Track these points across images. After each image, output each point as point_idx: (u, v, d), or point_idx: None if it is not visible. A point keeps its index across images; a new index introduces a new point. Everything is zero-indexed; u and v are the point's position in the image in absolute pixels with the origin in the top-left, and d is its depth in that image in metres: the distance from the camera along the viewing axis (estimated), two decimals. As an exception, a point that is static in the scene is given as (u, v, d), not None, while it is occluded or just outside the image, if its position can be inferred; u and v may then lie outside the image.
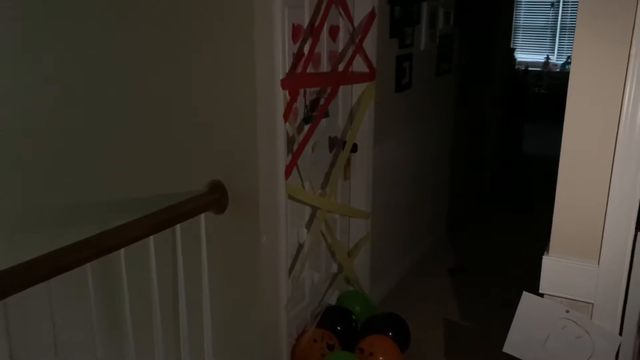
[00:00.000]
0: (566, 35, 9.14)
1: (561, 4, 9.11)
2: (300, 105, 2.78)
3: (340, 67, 3.00)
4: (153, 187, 2.57)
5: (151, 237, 2.11)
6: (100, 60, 2.54)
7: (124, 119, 2.57)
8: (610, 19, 1.51)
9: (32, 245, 1.96)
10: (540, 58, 9.30)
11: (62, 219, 2.79)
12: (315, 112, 2.86)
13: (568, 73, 1.59)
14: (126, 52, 2.49)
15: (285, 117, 2.48)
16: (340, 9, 2.87)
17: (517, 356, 1.82)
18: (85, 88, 2.61)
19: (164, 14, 2.37)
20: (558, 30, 9.21)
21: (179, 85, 2.42)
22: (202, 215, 2.33)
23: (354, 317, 3.10)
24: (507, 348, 1.83)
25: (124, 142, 2.59)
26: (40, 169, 2.79)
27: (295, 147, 2.66)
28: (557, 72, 9.08)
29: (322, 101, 2.92)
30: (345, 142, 3.03)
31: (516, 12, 8.86)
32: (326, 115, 2.99)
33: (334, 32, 2.95)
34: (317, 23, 2.71)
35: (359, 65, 3.03)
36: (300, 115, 2.79)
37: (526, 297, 1.78)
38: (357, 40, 2.97)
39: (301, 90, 2.76)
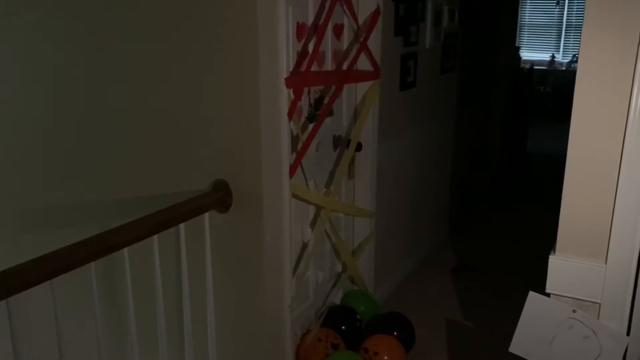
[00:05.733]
0: (572, 34, 9.10)
1: (566, 1, 9.07)
2: (304, 104, 2.77)
3: (345, 66, 2.99)
4: (157, 186, 2.56)
5: (155, 236, 2.11)
6: (103, 59, 2.53)
7: (127, 117, 2.57)
8: (618, 15, 1.49)
9: (35, 244, 1.96)
10: (545, 56, 9.27)
11: (64, 218, 2.78)
12: (319, 111, 2.85)
13: (573, 71, 1.58)
14: (128, 51, 2.48)
15: (290, 115, 2.47)
16: (345, 7, 2.86)
17: (523, 356, 1.80)
18: (87, 88, 2.61)
19: (167, 12, 2.36)
20: (563, 28, 9.17)
21: (182, 84, 2.41)
22: (206, 215, 2.32)
23: (358, 316, 3.09)
24: (513, 348, 1.82)
25: (127, 141, 2.59)
26: (42, 169, 2.79)
27: (299, 146, 2.65)
28: (563, 70, 9.04)
29: (326, 100, 2.91)
30: (349, 141, 3.02)
31: (521, 10, 8.84)
32: (330, 114, 2.98)
33: (338, 31, 2.94)
34: (321, 21, 2.70)
35: (363, 64, 3.02)
36: (305, 114, 2.78)
37: (532, 296, 1.76)
38: (361, 39, 2.96)
39: (305, 89, 2.75)
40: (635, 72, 1.50)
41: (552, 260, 1.71)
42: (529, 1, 9.26)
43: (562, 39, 9.22)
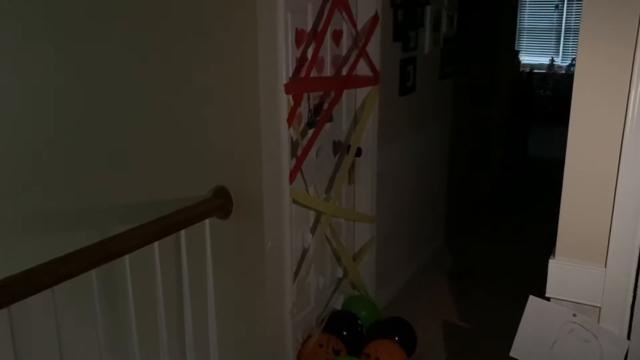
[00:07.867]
0: (571, 37, 9.12)
1: (565, 5, 9.09)
2: (304, 109, 2.77)
3: (344, 71, 3.00)
4: (157, 193, 2.57)
5: (156, 243, 2.11)
6: (104, 67, 2.55)
7: (128, 124, 2.58)
8: (615, 19, 1.50)
9: (36, 251, 1.96)
10: (544, 60, 9.28)
11: (65, 225, 2.79)
12: (319, 117, 2.86)
13: (573, 75, 1.58)
14: (129, 58, 2.49)
15: (289, 121, 2.48)
16: (344, 13, 2.87)
17: (524, 361, 1.80)
18: (88, 94, 2.62)
19: (167, 19, 2.37)
20: (562, 32, 9.19)
21: (182, 91, 2.42)
22: (207, 221, 2.32)
23: (359, 321, 3.09)
24: (514, 352, 1.82)
25: (128, 148, 2.60)
26: (43, 176, 2.80)
27: (299, 152, 2.66)
28: (562, 74, 9.05)
29: (326, 105, 2.91)
30: (349, 146, 3.03)
31: (520, 14, 8.85)
32: (330, 119, 2.98)
33: (337, 36, 2.95)
34: (320, 27, 2.71)
35: (362, 69, 3.03)
36: (304, 120, 2.79)
37: (533, 301, 1.76)
38: (360, 44, 2.97)
39: (305, 95, 2.75)
40: (631, 79, 1.50)
41: (552, 264, 1.71)
42: (528, 5, 9.28)
43: (562, 43, 9.23)
